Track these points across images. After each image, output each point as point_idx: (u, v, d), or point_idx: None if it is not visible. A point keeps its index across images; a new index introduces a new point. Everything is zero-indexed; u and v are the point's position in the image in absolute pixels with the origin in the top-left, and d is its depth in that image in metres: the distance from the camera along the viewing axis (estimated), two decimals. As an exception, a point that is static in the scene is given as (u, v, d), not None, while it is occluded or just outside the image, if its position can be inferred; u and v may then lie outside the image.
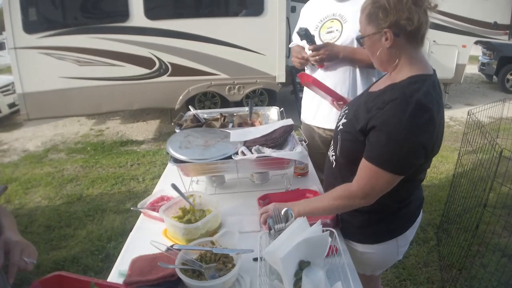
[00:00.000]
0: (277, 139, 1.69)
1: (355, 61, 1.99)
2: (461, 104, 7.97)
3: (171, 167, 1.85)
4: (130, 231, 1.54)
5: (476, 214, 3.08)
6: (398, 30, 1.23)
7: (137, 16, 5.04)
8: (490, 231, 3.03)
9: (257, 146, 1.64)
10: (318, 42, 2.04)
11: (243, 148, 1.64)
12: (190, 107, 2.27)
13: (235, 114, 2.30)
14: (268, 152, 1.60)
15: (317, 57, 1.94)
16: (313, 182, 1.88)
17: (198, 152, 1.63)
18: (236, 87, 5.75)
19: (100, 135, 6.00)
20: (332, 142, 1.53)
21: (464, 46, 7.37)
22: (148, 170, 4.38)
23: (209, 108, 6.17)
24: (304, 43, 2.07)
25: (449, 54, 7.21)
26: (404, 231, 1.47)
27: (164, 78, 5.39)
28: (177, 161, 1.62)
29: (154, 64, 5.29)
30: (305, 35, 1.88)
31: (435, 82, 1.29)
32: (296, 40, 2.29)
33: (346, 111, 1.46)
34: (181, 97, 5.55)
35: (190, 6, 5.58)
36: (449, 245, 3.10)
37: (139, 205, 1.62)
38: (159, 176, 4.07)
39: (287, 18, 5.70)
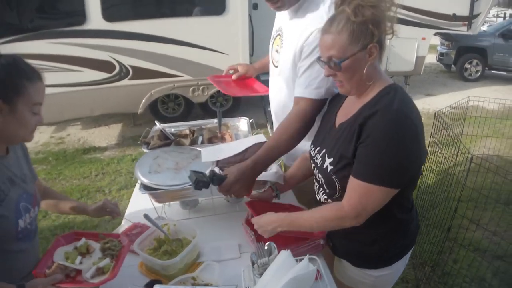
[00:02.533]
0: (252, 159, 1.64)
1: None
2: (422, 94, 8.18)
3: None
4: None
5: (444, 209, 3.16)
6: (381, 41, 1.20)
7: (95, 18, 4.84)
8: (459, 226, 3.10)
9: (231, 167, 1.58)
10: (270, 60, 1.88)
11: (217, 170, 1.58)
12: (156, 122, 2.19)
13: (204, 127, 2.24)
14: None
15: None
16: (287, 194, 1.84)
17: (169, 177, 1.56)
18: (200, 88, 5.66)
19: (61, 143, 5.76)
20: (318, 186, 1.45)
21: (423, 39, 7.57)
22: (113, 180, 4.24)
23: (173, 109, 6.09)
24: None
25: (409, 47, 7.40)
26: (406, 253, 1.45)
27: (125, 82, 5.21)
28: (147, 188, 1.54)
29: (114, 67, 5.11)
30: (212, 180, 1.46)
31: (403, 90, 1.26)
32: None
33: (323, 151, 1.38)
34: (144, 101, 5.40)
35: (150, 6, 5.40)
36: (421, 243, 3.16)
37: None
38: (125, 187, 4.05)
39: (249, 16, 5.64)
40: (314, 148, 1.45)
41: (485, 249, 3.17)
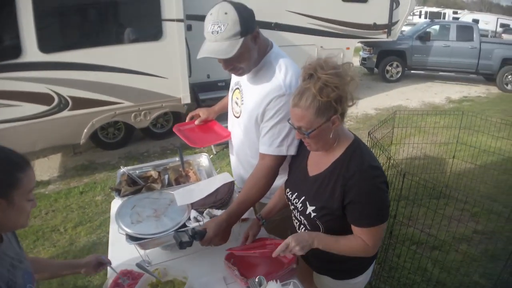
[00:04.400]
0: (224, 199, 1.83)
1: None
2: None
3: (114, 230, 1.86)
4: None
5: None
6: (343, 112, 1.44)
7: (31, 50, 4.73)
8: (401, 223, 3.46)
9: (207, 209, 1.76)
10: (230, 108, 2.07)
11: (194, 214, 1.76)
12: (121, 167, 2.29)
13: (167, 167, 2.38)
14: (219, 214, 1.74)
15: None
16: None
17: (152, 225, 1.71)
18: (142, 113, 5.71)
19: (2, 181, 5.51)
20: (299, 224, 1.71)
21: (348, 48, 8.10)
22: (66, 217, 4.19)
23: (113, 134, 6.08)
24: None
25: (335, 57, 7.86)
26: (376, 257, 1.76)
27: (65, 113, 5.13)
28: (133, 238, 1.67)
29: (53, 99, 5.01)
30: (199, 235, 1.63)
31: (362, 142, 1.56)
32: None
33: (303, 198, 1.61)
34: (85, 131, 5.35)
35: (86, 35, 5.38)
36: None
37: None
38: (80, 223, 4.07)
39: (185, 38, 5.78)
40: (291, 193, 1.69)
41: (422, 242, 3.53)
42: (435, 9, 36.21)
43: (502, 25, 27.06)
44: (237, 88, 1.96)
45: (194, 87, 6.41)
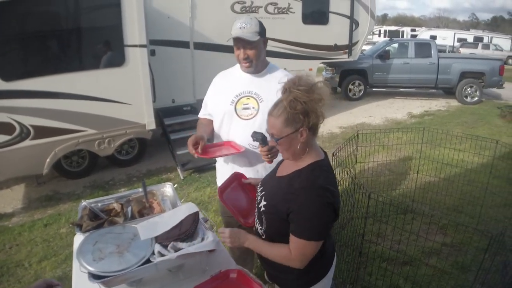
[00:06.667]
0: (189, 231, 1.79)
1: None
2: (312, 118, 8.81)
3: (77, 267, 1.78)
4: None
5: (352, 227, 3.53)
6: (312, 126, 1.58)
7: (-10, 78, 4.56)
8: (369, 241, 3.48)
9: (171, 243, 1.72)
10: (235, 116, 2.32)
11: (158, 248, 1.71)
12: (82, 200, 2.22)
13: (130, 198, 2.32)
14: (185, 247, 1.70)
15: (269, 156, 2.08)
16: (222, 256, 2.02)
17: (115, 262, 1.65)
18: (106, 140, 5.59)
19: (-37, 216, 5.28)
20: (256, 217, 1.82)
21: (310, 69, 8.28)
22: (31, 252, 4.01)
23: (77, 163, 5.93)
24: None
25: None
26: (326, 273, 1.82)
27: (27, 142, 4.96)
28: (96, 276, 1.61)
29: (15, 129, 4.85)
30: (262, 139, 1.96)
31: (327, 164, 1.69)
32: (203, 111, 2.55)
33: (263, 193, 1.76)
34: (48, 160, 5.19)
35: (48, 62, 5.24)
36: (337, 263, 3.47)
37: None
38: (45, 258, 3.93)
39: (149, 64, 5.75)
40: (261, 185, 1.85)
41: (393, 259, 3.54)
42: (393, 28, 37.61)
43: (459, 40, 28.32)
44: (243, 97, 2.32)
45: (159, 112, 6.37)
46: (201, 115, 2.57)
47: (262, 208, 1.71)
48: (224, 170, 2.47)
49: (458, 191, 4.64)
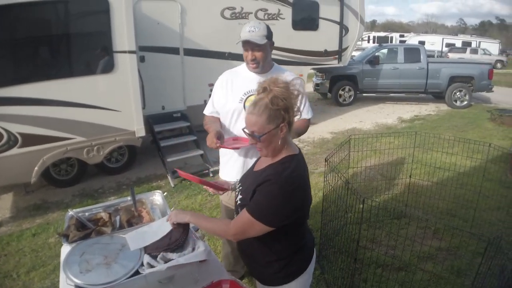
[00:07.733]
0: (179, 241, 1.74)
1: None
2: (305, 124, 8.80)
3: (63, 279, 1.70)
4: None
5: (346, 234, 3.49)
6: (290, 121, 1.66)
7: (-23, 85, 4.45)
8: (364, 248, 3.44)
9: (161, 253, 1.66)
10: (243, 113, 2.41)
11: (148, 259, 1.65)
12: (69, 210, 2.16)
13: (119, 207, 2.26)
14: (175, 258, 1.64)
15: None
16: (214, 265, 1.95)
17: (102, 274, 1.59)
18: (95, 148, 5.48)
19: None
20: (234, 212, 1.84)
21: (301, 75, 8.24)
22: (19, 262, 3.91)
23: (66, 171, 5.84)
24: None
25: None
26: (305, 268, 1.83)
27: (15, 150, 4.83)
28: (82, 289, 1.55)
29: (2, 136, 4.72)
30: None
31: (300, 159, 1.75)
32: (210, 108, 2.65)
33: (241, 188, 1.82)
34: (36, 168, 5.07)
35: (36, 69, 5.13)
36: (332, 270, 3.43)
37: None
38: (34, 268, 3.81)
39: (138, 70, 5.68)
40: (239, 181, 1.94)
41: (388, 264, 3.50)
42: (382, 34, 38.00)
43: (448, 45, 28.67)
44: (252, 95, 2.44)
45: (149, 119, 6.29)
46: (207, 112, 2.68)
47: (238, 202, 1.77)
48: (232, 163, 2.63)
49: (451, 195, 4.62)
